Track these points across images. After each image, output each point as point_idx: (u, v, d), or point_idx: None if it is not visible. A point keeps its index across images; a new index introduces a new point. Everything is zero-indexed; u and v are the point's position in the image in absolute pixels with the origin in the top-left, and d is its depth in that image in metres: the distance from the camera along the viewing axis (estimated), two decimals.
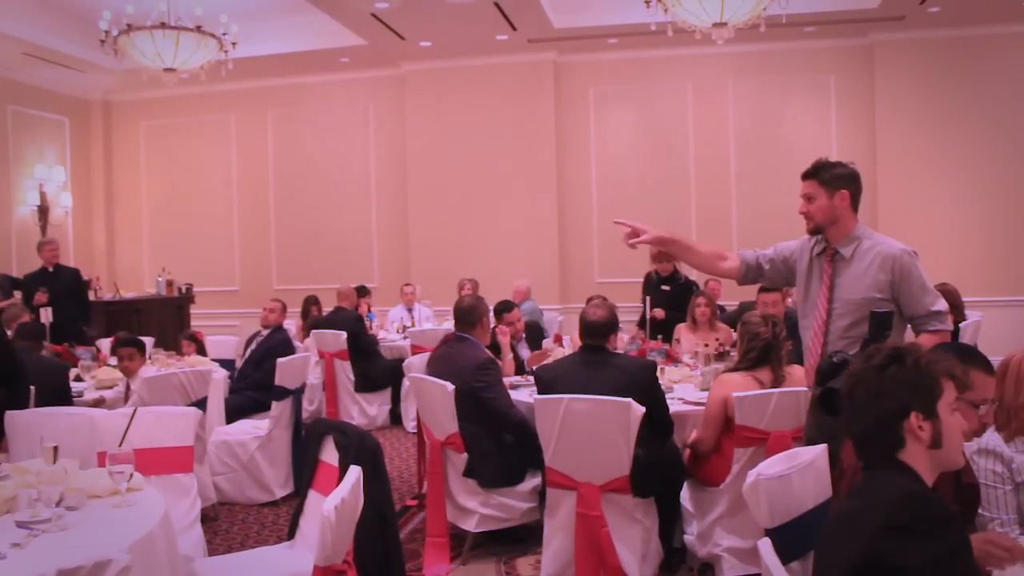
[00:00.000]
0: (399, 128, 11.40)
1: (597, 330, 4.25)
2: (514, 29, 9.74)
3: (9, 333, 5.79)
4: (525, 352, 6.06)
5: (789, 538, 2.49)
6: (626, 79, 10.90)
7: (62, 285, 8.29)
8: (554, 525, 4.05)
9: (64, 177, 11.71)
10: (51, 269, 8.49)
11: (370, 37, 9.95)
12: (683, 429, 4.38)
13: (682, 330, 6.50)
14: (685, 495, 4.29)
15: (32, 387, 4.88)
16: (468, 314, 4.97)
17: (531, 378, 5.02)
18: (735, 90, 10.71)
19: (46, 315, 6.97)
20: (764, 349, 4.10)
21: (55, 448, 3.01)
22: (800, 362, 3.82)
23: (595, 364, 4.17)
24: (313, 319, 8.92)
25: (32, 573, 1.83)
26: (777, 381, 4.05)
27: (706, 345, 5.62)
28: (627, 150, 11.02)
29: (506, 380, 5.04)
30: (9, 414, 3.83)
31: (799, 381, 3.96)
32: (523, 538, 4.78)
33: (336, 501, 2.41)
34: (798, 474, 2.61)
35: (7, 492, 2.72)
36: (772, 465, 2.61)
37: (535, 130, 10.90)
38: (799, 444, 3.39)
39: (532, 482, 4.57)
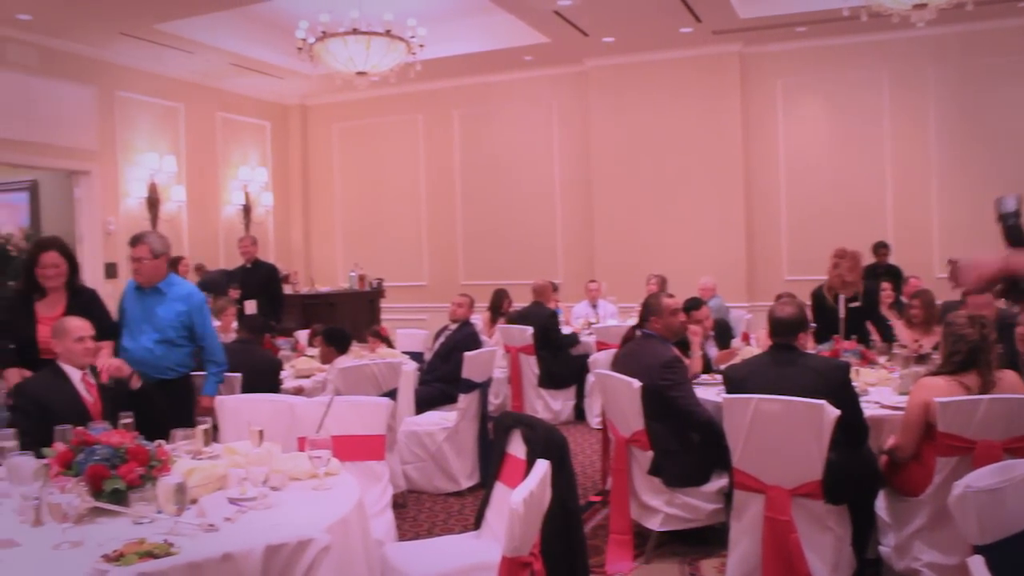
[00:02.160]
0: (583, 125, 11.41)
1: (786, 328, 4.09)
2: (698, 21, 9.54)
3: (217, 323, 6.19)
4: (712, 350, 5.91)
5: (1005, 557, 2.29)
6: (816, 69, 10.44)
7: (257, 281, 8.61)
8: (740, 528, 3.92)
9: (266, 178, 12.49)
10: (249, 265, 8.82)
11: (553, 35, 10.00)
12: (879, 434, 4.13)
13: (900, 326, 6.16)
14: (880, 504, 4.05)
15: (239, 374, 5.22)
16: (654, 310, 4.89)
17: (718, 377, 4.89)
18: (936, 77, 9.98)
19: (251, 307, 7.39)
20: (971, 352, 3.79)
21: (261, 432, 3.18)
22: (1013, 367, 3.51)
23: (785, 364, 4.01)
24: (506, 314, 9.02)
25: (243, 546, 1.93)
26: (986, 387, 3.74)
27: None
28: (817, 144, 10.56)
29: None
30: (219, 399, 4.08)
31: (1012, 387, 3.66)
32: (708, 539, 4.66)
33: (524, 494, 2.42)
34: (1013, 488, 2.40)
35: (219, 470, 2.90)
36: (982, 477, 2.41)
37: (721, 124, 10.64)
38: (1010, 456, 3.12)
39: (718, 483, 4.44)
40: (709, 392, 4.78)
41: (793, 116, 10.64)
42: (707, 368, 5.47)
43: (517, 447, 3.24)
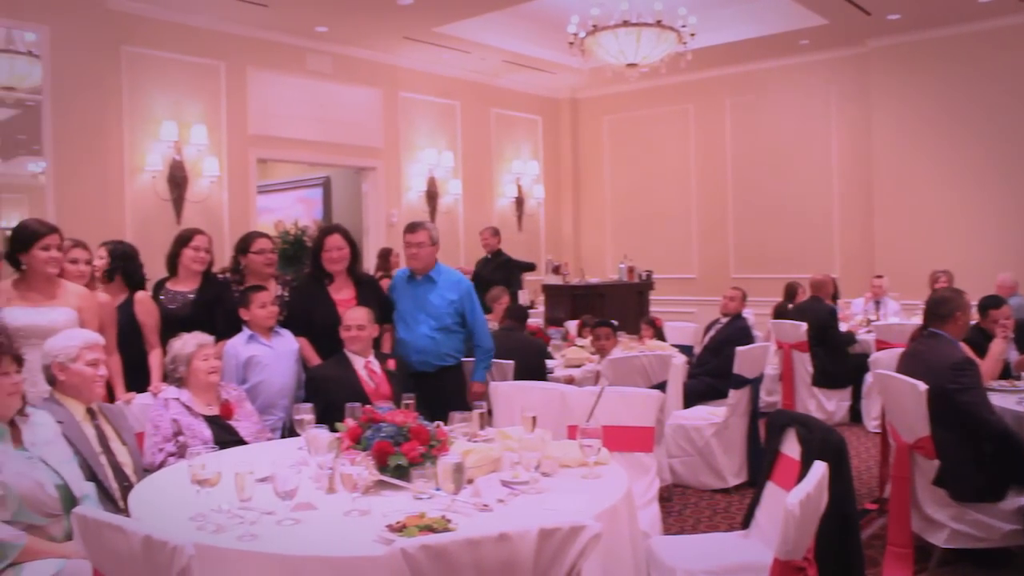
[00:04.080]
0: (863, 110, 10.73)
1: None
2: None
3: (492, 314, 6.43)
4: (1013, 354, 5.36)
5: None
6: None
7: (494, 270, 8.94)
8: None
9: (537, 171, 12.83)
10: (489, 256, 9.21)
11: (832, 15, 9.48)
12: None
13: None
14: None
15: (511, 361, 5.40)
16: (940, 307, 4.50)
17: (1019, 383, 4.43)
18: None
19: (523, 296, 7.63)
20: None
21: (534, 418, 3.27)
22: None
23: None
24: (783, 308, 8.74)
25: (518, 527, 1.99)
26: None
27: None
28: None
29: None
30: (493, 385, 4.24)
31: None
32: (1003, 562, 4.24)
33: (801, 496, 2.31)
34: None
35: (494, 453, 3.02)
36: None
37: (1020, 103, 9.62)
38: None
39: (1017, 501, 4.01)
40: (1008, 400, 4.34)
41: None
42: (1006, 374, 4.98)
43: (791, 447, 3.11)
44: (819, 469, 2.52)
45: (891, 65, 10.39)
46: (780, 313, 8.70)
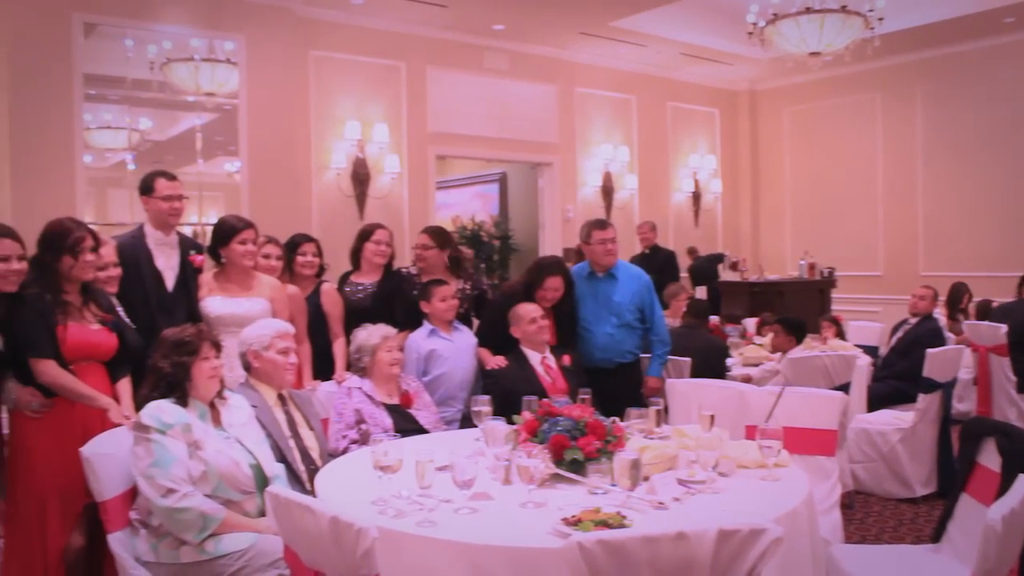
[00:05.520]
0: None
1: None
2: None
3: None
4: None
5: None
6: None
7: (651, 267, 8.72)
8: None
9: (714, 165, 12.59)
10: (647, 251, 9.08)
11: None
12: None
13: None
14: None
15: (688, 358, 5.33)
16: None
17: None
18: None
19: (701, 293, 7.52)
20: None
21: (712, 416, 3.21)
22: None
23: None
24: (985, 307, 8.21)
25: (696, 526, 1.96)
26: None
27: None
28: None
29: None
30: (670, 382, 4.20)
31: None
32: None
33: (1004, 511, 2.16)
34: None
35: (670, 451, 2.98)
36: None
37: None
38: None
39: None
40: None
41: None
42: None
43: (990, 457, 2.92)
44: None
45: None
46: (982, 313, 8.14)
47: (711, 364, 5.49)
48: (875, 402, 6.17)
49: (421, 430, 3.88)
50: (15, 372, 3.32)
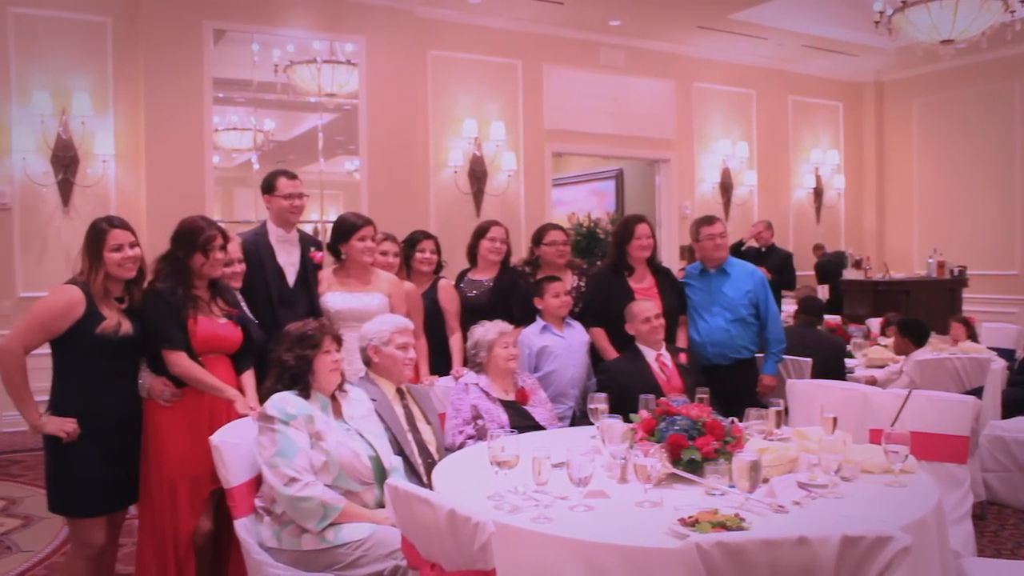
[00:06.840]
0: None
1: None
2: None
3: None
4: None
5: None
6: None
7: (768, 266, 8.48)
8: None
9: (837, 160, 12.22)
10: (763, 250, 8.86)
11: None
12: None
13: None
14: None
15: (809, 359, 5.19)
16: None
17: None
18: None
19: (822, 292, 7.31)
20: None
21: (834, 419, 3.11)
22: None
23: None
24: None
25: (818, 531, 1.90)
26: None
27: None
28: None
29: None
30: (790, 382, 4.09)
31: None
32: None
33: None
34: None
35: (790, 453, 2.90)
36: None
37: None
38: None
39: None
40: None
41: None
42: None
43: None
44: None
45: None
46: None
47: (829, 364, 5.33)
48: (1010, 408, 5.86)
49: (537, 427, 3.89)
50: (148, 362, 3.47)
